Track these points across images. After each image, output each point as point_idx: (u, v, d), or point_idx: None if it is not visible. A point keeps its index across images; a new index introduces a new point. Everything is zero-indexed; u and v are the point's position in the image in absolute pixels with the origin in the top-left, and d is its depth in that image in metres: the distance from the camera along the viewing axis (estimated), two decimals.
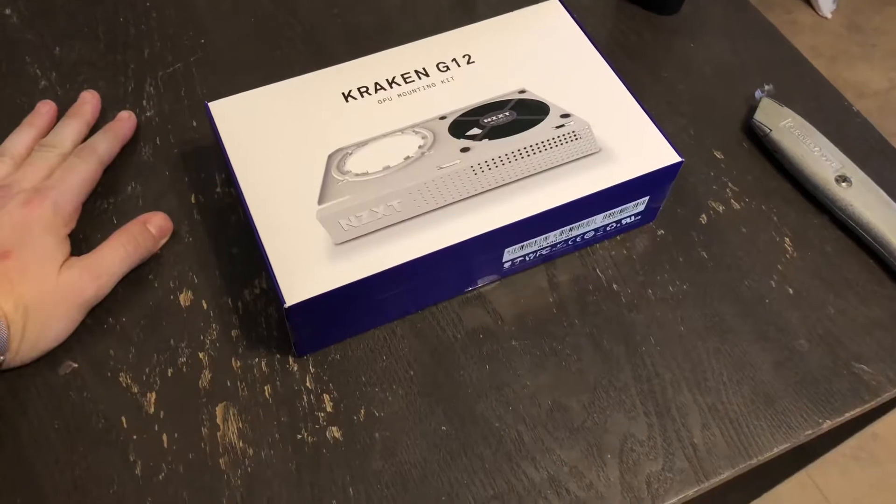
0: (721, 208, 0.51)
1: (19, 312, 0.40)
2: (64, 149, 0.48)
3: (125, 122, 0.51)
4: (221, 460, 0.40)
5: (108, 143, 0.49)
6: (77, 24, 0.57)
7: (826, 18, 1.91)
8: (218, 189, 0.50)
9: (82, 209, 0.47)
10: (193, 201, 0.49)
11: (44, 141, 0.48)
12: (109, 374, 0.43)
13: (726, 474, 0.41)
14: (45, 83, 0.54)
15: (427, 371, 0.44)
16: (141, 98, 0.54)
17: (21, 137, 0.48)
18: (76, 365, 0.43)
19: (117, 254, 0.45)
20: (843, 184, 0.50)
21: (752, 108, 0.54)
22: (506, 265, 0.46)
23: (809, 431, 0.43)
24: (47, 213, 0.44)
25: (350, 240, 0.41)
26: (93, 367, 0.43)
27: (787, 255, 0.49)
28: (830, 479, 1.26)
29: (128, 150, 0.51)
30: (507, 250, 0.44)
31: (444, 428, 0.42)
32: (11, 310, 0.40)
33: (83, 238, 0.47)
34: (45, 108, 0.51)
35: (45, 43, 0.56)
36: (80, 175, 0.46)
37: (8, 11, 0.58)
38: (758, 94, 0.55)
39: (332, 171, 0.43)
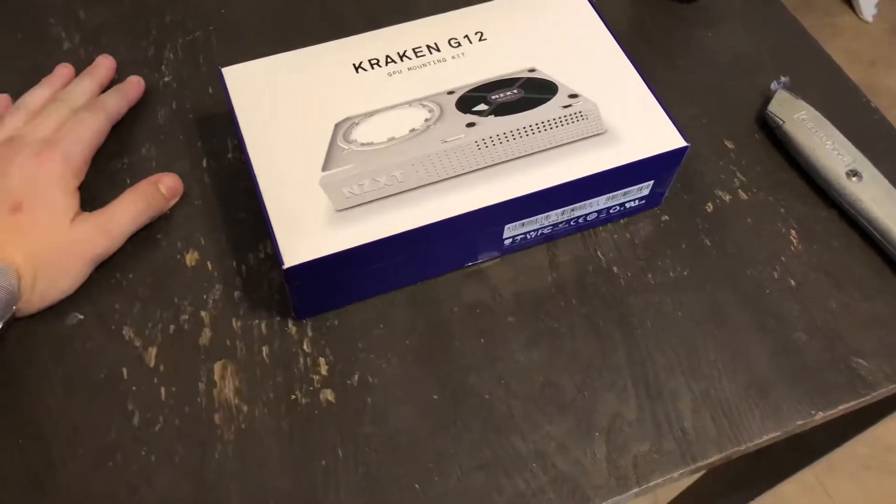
0: (728, 197, 0.51)
1: (30, 264, 0.42)
2: (75, 104, 0.49)
3: (134, 84, 0.52)
4: (216, 415, 0.41)
5: (116, 100, 0.50)
6: None
7: (867, 22, 1.87)
8: (229, 155, 0.50)
9: (97, 169, 0.48)
10: (205, 165, 0.50)
11: (58, 96, 0.49)
12: (113, 328, 0.44)
13: (714, 458, 0.41)
14: (69, 45, 0.55)
15: (423, 341, 0.44)
16: (160, 63, 0.55)
17: (37, 93, 0.49)
18: (82, 317, 0.44)
19: (128, 211, 0.46)
20: (854, 178, 0.50)
21: (767, 100, 0.54)
22: (506, 242, 0.46)
23: (801, 422, 0.43)
24: (58, 165, 0.44)
25: (351, 207, 0.41)
26: (98, 319, 0.44)
27: (792, 248, 0.49)
28: (841, 487, 1.25)
29: (144, 113, 0.52)
30: (507, 227, 0.45)
31: (435, 397, 0.43)
32: (22, 262, 0.41)
33: (96, 195, 0.48)
34: (63, 70, 0.52)
35: (71, 6, 0.57)
36: (90, 128, 0.47)
37: None
38: (774, 85, 0.54)
39: (338, 140, 0.44)
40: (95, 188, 0.48)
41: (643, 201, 0.48)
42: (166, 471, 0.40)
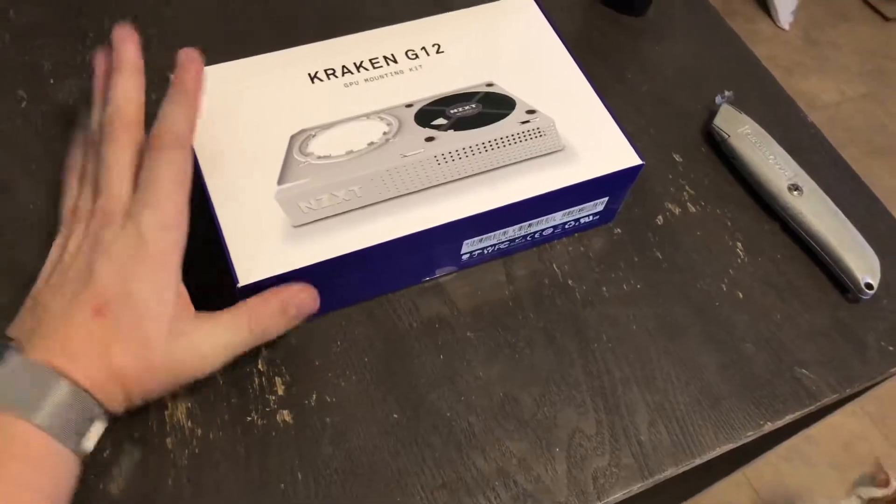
0: (677, 210, 0.52)
1: (116, 381, 0.35)
2: (127, 120, 0.38)
3: (188, 68, 0.39)
4: (168, 440, 0.40)
5: (181, 112, 0.38)
6: None
7: (784, 30, 1.95)
8: None
9: (33, 176, 0.45)
10: None
11: (103, 119, 0.39)
12: None
13: (670, 471, 0.42)
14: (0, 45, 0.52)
15: (381, 358, 0.44)
16: None
17: (95, 113, 0.40)
18: None
19: (239, 337, 0.38)
20: (795, 192, 0.51)
21: (712, 114, 0.55)
22: (464, 257, 0.46)
23: (751, 433, 0.44)
24: (150, 248, 0.36)
25: (309, 223, 0.40)
26: None
27: (739, 260, 0.50)
28: (764, 478, 1.30)
29: (79, 120, 0.50)
30: (466, 242, 0.44)
31: (395, 416, 0.42)
32: (104, 379, 0.35)
33: (30, 207, 0.45)
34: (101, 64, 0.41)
35: (1, 4, 0.54)
36: (171, 176, 0.37)
37: None
38: (718, 99, 0.56)
39: (294, 153, 0.42)
40: (30, 203, 0.45)
41: (597, 217, 0.48)
42: (117, 500, 0.38)
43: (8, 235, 0.45)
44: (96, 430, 0.35)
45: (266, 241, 0.40)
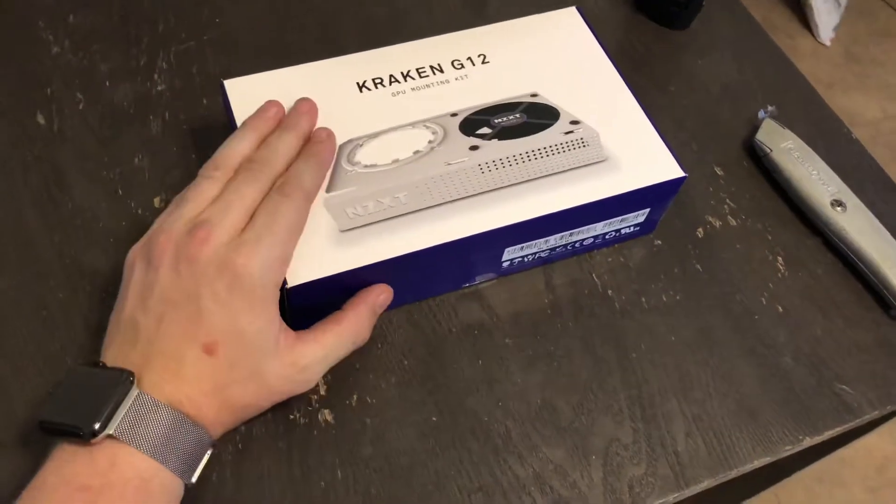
0: (718, 223, 0.52)
1: (225, 411, 0.37)
2: (274, 170, 0.40)
3: (326, 143, 0.43)
4: None
5: (314, 174, 0.41)
6: None
7: (825, 46, 1.93)
8: None
9: (89, 180, 0.47)
10: None
11: (255, 156, 0.41)
12: None
13: (706, 483, 0.42)
14: (58, 49, 0.54)
15: (421, 362, 0.44)
16: (152, 72, 0.54)
17: (241, 145, 0.42)
18: None
19: (343, 350, 0.41)
20: (838, 208, 0.51)
21: (755, 128, 0.55)
22: (504, 264, 0.46)
23: (789, 447, 0.44)
24: (257, 286, 0.37)
25: (355, 227, 0.41)
26: None
27: (779, 274, 0.50)
28: (796, 499, 1.28)
29: (136, 122, 0.51)
30: (507, 250, 0.45)
31: (434, 418, 0.43)
32: (213, 416, 0.37)
33: (87, 208, 0.47)
34: (273, 111, 0.43)
35: (60, 9, 0.56)
36: (290, 221, 0.39)
37: None
38: (761, 114, 0.56)
39: (342, 161, 0.43)
40: (87, 200, 0.47)
41: (638, 227, 0.49)
42: None
43: (62, 232, 0.46)
44: (205, 460, 0.37)
45: (314, 245, 0.41)
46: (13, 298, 0.44)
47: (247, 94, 0.45)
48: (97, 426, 0.33)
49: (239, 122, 0.44)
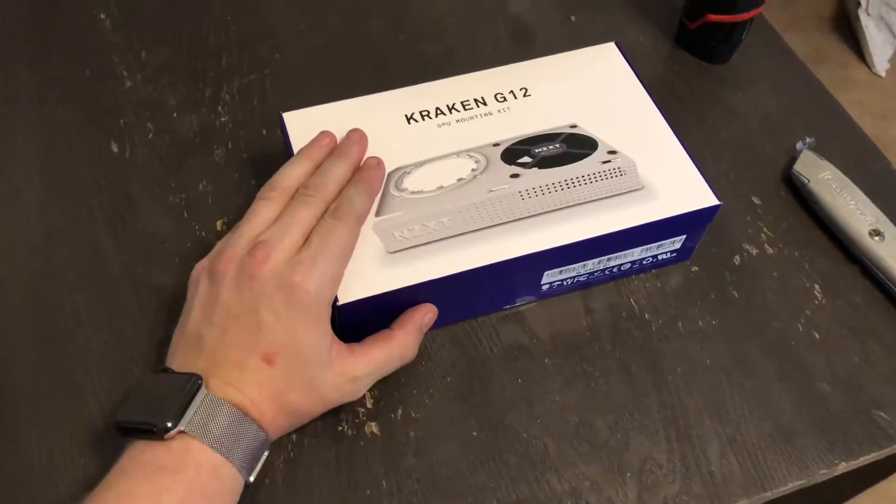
0: (755, 251, 0.53)
1: (282, 416, 0.40)
2: (328, 195, 0.43)
3: (375, 170, 0.46)
4: None
5: (364, 199, 0.44)
6: (163, 32, 0.62)
7: (880, 77, 1.91)
8: None
9: (157, 203, 0.51)
10: None
11: (310, 182, 0.44)
12: None
13: (741, 503, 0.43)
14: (131, 84, 0.58)
15: (463, 379, 0.46)
16: (216, 104, 0.58)
17: (297, 170, 0.45)
18: None
19: (391, 365, 0.44)
20: (877, 238, 0.52)
21: (793, 159, 0.56)
22: (544, 287, 0.48)
23: (825, 470, 0.45)
24: (312, 302, 0.39)
25: (402, 250, 0.44)
26: None
27: (816, 302, 0.51)
28: None
29: (202, 151, 0.55)
30: (546, 273, 0.47)
31: (474, 433, 0.45)
32: (272, 419, 0.40)
33: (154, 231, 0.50)
34: (326, 140, 0.47)
35: (133, 47, 0.61)
36: (342, 242, 0.42)
37: (102, 16, 0.63)
38: (799, 145, 0.57)
39: (391, 188, 0.46)
40: (154, 222, 0.51)
41: (675, 254, 0.50)
42: None
43: (132, 251, 0.50)
44: (262, 460, 0.40)
45: (364, 265, 0.43)
46: (87, 312, 0.48)
47: (303, 125, 0.49)
48: (170, 423, 0.36)
49: (296, 152, 0.47)
